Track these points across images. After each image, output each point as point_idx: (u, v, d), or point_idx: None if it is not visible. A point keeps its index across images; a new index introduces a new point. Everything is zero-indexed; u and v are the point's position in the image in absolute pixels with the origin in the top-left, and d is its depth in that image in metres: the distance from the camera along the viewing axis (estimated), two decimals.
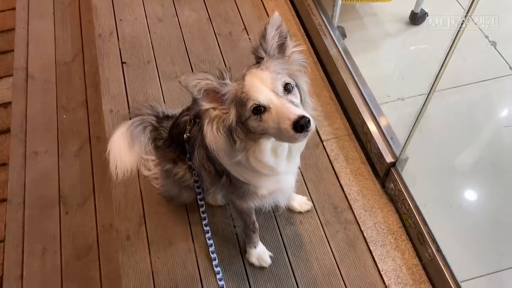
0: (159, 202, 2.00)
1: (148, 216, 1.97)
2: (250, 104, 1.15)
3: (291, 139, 1.15)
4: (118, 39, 2.64)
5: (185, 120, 1.57)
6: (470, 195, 2.13)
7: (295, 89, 1.20)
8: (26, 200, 2.24)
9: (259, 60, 1.23)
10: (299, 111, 1.12)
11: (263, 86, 1.15)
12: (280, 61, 1.21)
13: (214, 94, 1.19)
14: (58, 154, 2.39)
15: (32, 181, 2.31)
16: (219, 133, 1.22)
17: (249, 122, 1.18)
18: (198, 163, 1.51)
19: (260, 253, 1.83)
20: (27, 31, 2.97)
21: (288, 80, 1.19)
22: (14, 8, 3.11)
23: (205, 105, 1.20)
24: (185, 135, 1.51)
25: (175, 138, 1.64)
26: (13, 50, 2.88)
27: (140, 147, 1.76)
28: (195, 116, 1.48)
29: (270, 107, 1.14)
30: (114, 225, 1.99)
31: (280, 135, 1.16)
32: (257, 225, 1.76)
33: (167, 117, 1.84)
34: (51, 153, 2.40)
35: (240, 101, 1.17)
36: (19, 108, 2.60)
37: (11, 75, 2.76)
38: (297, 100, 1.19)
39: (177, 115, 1.69)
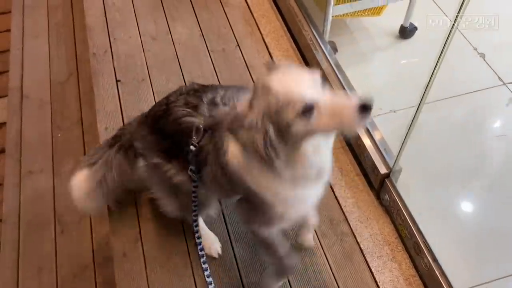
0: (155, 217, 1.99)
1: (144, 232, 1.97)
2: (296, 108, 1.03)
3: (354, 126, 1.09)
4: (112, 58, 2.66)
5: (180, 112, 1.44)
6: (465, 204, 2.14)
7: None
8: (21, 219, 2.24)
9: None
10: (353, 96, 1.05)
11: (302, 84, 1.06)
12: None
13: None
14: (53, 173, 2.39)
15: (27, 201, 2.31)
16: (253, 159, 1.13)
17: (293, 128, 1.07)
18: (212, 181, 1.44)
19: None
20: (22, 51, 3.00)
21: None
22: (9, 30, 3.14)
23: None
24: (191, 146, 1.38)
25: (163, 129, 1.51)
26: (8, 71, 2.90)
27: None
28: (208, 127, 1.37)
29: (318, 104, 1.05)
30: (110, 242, 1.98)
31: (339, 127, 1.11)
32: (294, 258, 1.63)
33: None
34: (46, 172, 2.40)
35: (277, 112, 1.06)
36: (14, 128, 2.61)
37: (6, 96, 2.78)
38: None
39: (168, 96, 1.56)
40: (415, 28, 2.70)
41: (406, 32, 2.70)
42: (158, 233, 1.96)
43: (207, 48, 2.70)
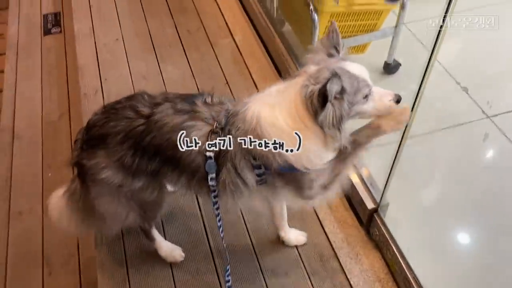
0: (142, 259, 1.98)
1: (132, 273, 1.94)
2: (365, 91, 1.33)
3: (388, 111, 1.39)
4: (103, 98, 2.71)
5: (176, 120, 1.39)
6: (454, 237, 2.14)
7: None
8: (8, 260, 2.21)
9: (332, 55, 1.38)
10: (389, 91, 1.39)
11: (366, 73, 1.35)
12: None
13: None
14: (43, 213, 2.38)
15: (15, 241, 2.29)
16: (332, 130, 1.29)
17: (355, 107, 1.33)
18: (234, 176, 1.42)
19: None
20: (15, 92, 3.04)
21: None
22: (2, 71, 3.20)
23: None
24: (208, 153, 1.38)
25: (150, 145, 1.42)
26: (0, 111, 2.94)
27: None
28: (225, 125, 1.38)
29: (372, 91, 1.35)
30: (98, 284, 1.96)
31: (378, 110, 1.38)
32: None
33: None
34: (36, 212, 2.39)
35: (354, 90, 1.31)
36: (4, 167, 2.62)
37: None
38: None
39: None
40: (399, 64, 2.78)
41: (389, 68, 2.78)
42: (146, 274, 1.94)
43: (198, 87, 2.76)
